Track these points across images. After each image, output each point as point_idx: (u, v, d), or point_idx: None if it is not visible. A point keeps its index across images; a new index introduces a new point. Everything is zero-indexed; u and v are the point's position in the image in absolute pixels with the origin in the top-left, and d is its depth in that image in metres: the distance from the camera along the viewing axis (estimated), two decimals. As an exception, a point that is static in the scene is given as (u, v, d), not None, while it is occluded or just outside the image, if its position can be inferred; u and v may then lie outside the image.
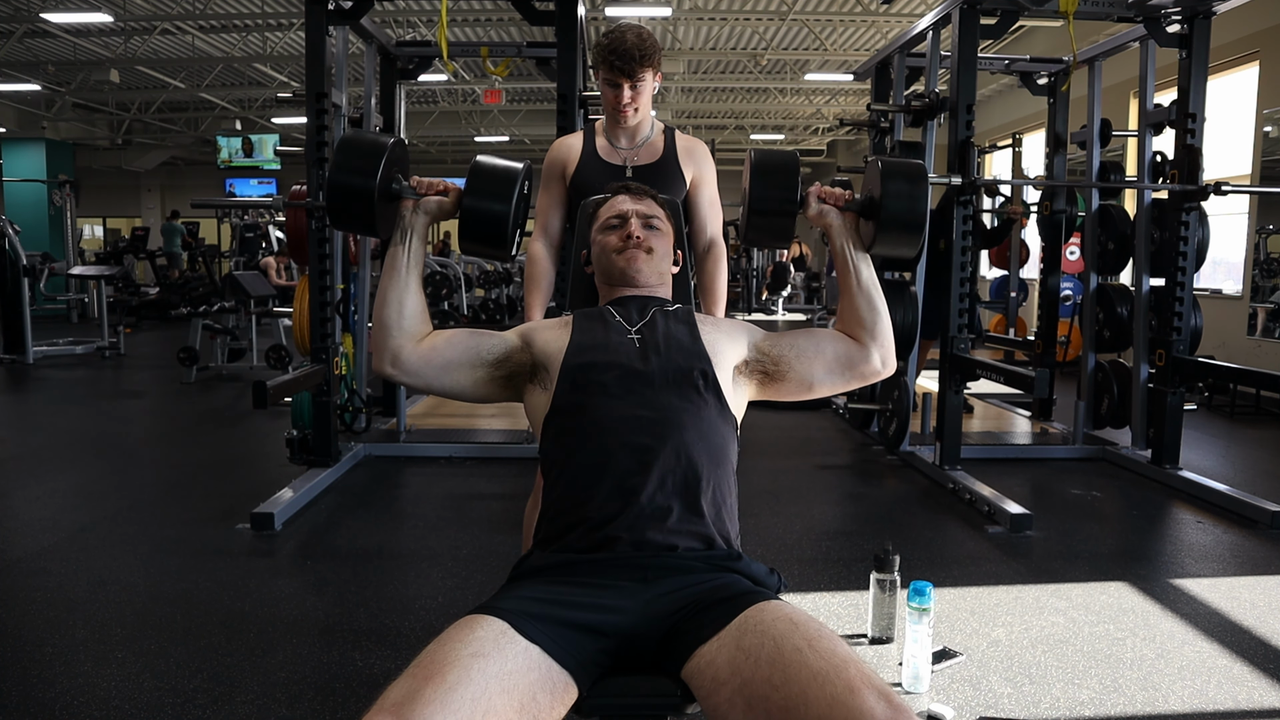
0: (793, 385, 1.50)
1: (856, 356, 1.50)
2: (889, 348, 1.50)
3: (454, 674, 1.03)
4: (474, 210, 1.45)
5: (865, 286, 1.50)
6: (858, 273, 1.50)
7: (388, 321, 1.45)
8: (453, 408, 5.68)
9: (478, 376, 1.46)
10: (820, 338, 1.52)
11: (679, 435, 1.32)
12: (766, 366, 1.49)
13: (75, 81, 12.38)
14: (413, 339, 1.45)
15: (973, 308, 4.18)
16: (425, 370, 1.45)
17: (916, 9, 9.47)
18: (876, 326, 1.50)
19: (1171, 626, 2.51)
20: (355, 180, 1.42)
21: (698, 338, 1.45)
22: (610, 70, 2.13)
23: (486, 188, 1.46)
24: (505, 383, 1.47)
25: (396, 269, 1.46)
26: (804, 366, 1.49)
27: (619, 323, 1.48)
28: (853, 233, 1.51)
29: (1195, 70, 3.99)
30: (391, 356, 1.44)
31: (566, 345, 1.43)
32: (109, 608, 2.58)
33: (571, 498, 1.32)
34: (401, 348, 1.45)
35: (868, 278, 1.51)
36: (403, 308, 1.45)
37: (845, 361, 1.50)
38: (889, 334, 1.51)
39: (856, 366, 1.49)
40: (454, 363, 1.45)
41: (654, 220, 1.60)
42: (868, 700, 0.98)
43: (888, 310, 1.52)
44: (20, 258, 7.88)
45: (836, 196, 1.53)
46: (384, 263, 1.48)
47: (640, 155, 2.24)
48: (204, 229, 16.83)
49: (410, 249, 1.47)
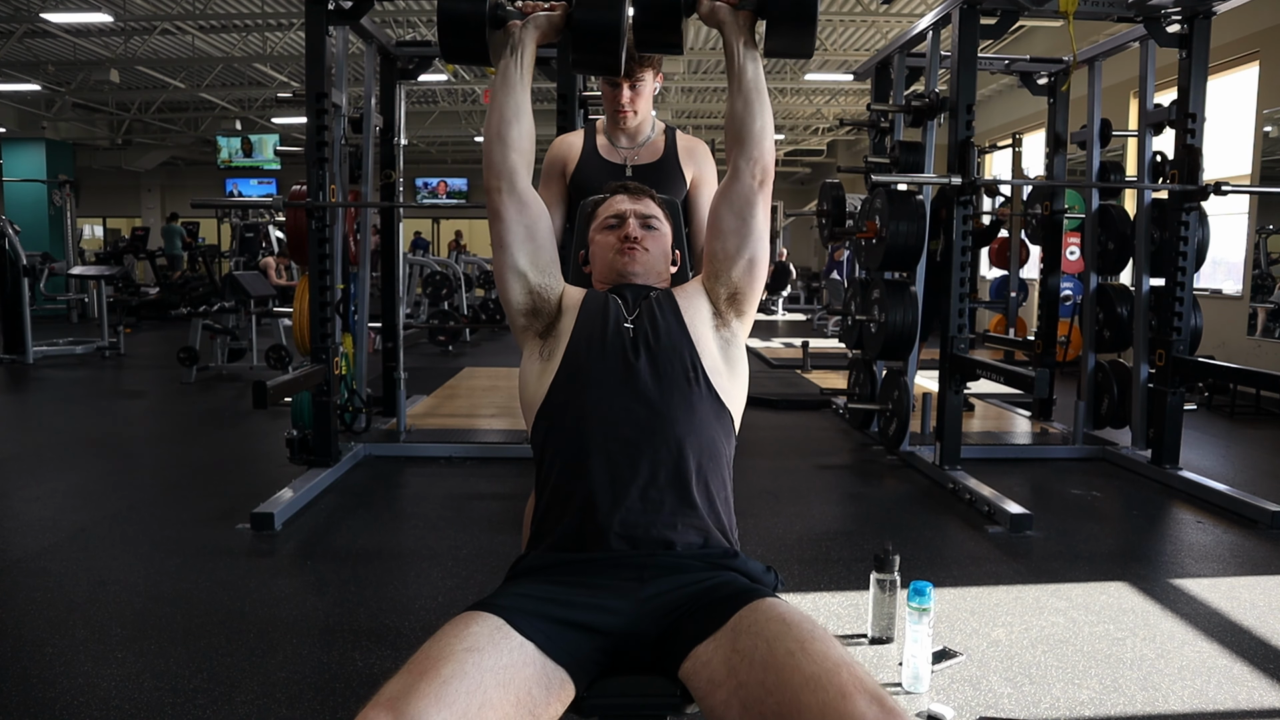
0: (743, 276, 1.47)
1: (736, 190, 1.46)
2: (759, 152, 1.45)
3: (449, 668, 1.03)
4: (585, 21, 1.42)
5: (747, 85, 1.45)
6: (742, 70, 1.45)
7: (506, 136, 1.44)
8: (453, 408, 5.68)
9: (528, 274, 1.46)
10: (711, 219, 1.50)
11: (671, 428, 1.32)
12: (721, 294, 1.48)
13: (75, 81, 12.38)
14: (527, 165, 1.46)
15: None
16: (522, 212, 1.45)
17: (916, 9, 9.47)
18: (749, 125, 1.45)
19: (1171, 626, 2.51)
20: (464, 5, 1.40)
21: (684, 326, 1.44)
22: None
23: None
24: (527, 308, 1.47)
25: (510, 83, 1.45)
26: (724, 255, 1.47)
27: (619, 311, 1.46)
28: (746, 30, 1.45)
29: (1195, 70, 3.99)
30: (510, 173, 1.44)
31: (572, 330, 1.43)
32: (109, 608, 2.58)
33: (565, 492, 1.32)
34: (519, 168, 1.45)
35: (752, 75, 1.45)
36: (520, 122, 1.45)
37: (735, 209, 1.46)
38: (762, 136, 1.45)
39: (741, 199, 1.46)
40: (535, 239, 1.46)
41: (652, 220, 1.60)
42: (859, 705, 0.97)
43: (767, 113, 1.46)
44: (20, 258, 7.87)
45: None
46: (497, 79, 1.46)
47: (641, 155, 2.23)
48: (204, 229, 16.84)
49: (522, 62, 1.45)
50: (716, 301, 1.48)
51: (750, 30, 1.45)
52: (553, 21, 1.47)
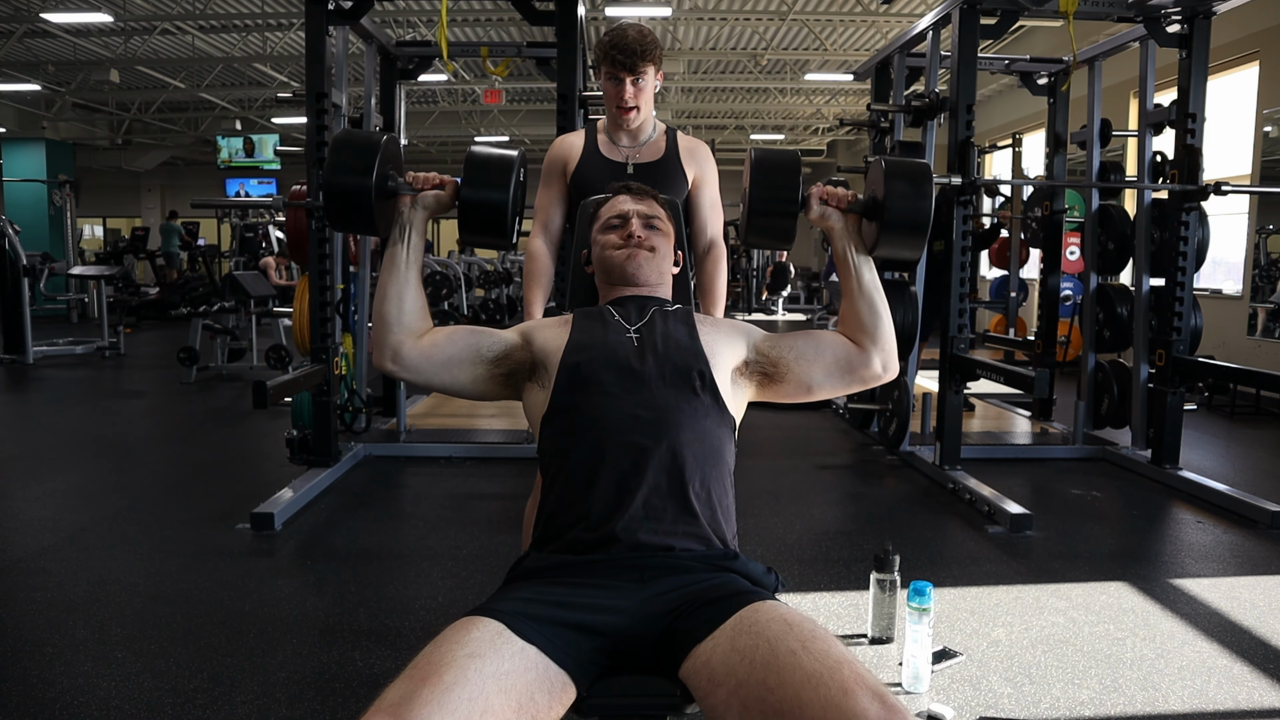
0: (792, 387, 1.50)
1: (857, 361, 1.49)
2: (890, 351, 1.49)
3: (450, 674, 1.03)
4: (472, 201, 1.45)
5: (867, 290, 1.49)
6: (859, 276, 1.49)
7: (388, 318, 1.45)
8: (453, 408, 5.68)
9: (478, 373, 1.46)
10: (820, 340, 1.51)
11: (675, 435, 1.32)
12: (766, 368, 1.49)
13: (75, 81, 12.38)
14: (413, 335, 1.46)
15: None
16: (425, 366, 1.45)
17: (916, 9, 9.47)
18: (878, 331, 1.48)
19: (1171, 626, 2.51)
20: (351, 180, 1.41)
21: (696, 338, 1.45)
22: (612, 65, 2.12)
23: (483, 178, 1.45)
24: (505, 380, 1.47)
25: (396, 265, 1.46)
26: (803, 369, 1.48)
27: (618, 322, 1.47)
28: (855, 235, 1.50)
29: (1195, 70, 3.99)
30: (392, 352, 1.45)
31: (565, 344, 1.43)
32: (109, 608, 2.58)
33: (568, 497, 1.32)
34: (402, 344, 1.45)
35: (869, 281, 1.49)
36: (403, 304, 1.45)
37: (845, 365, 1.49)
38: (891, 338, 1.50)
39: (857, 370, 1.49)
40: (454, 359, 1.45)
41: (655, 220, 1.60)
42: (861, 702, 0.98)
43: (889, 313, 1.51)
44: (20, 258, 7.87)
45: (839, 198, 1.51)
46: (383, 260, 1.48)
47: (642, 154, 2.23)
48: (204, 229, 16.84)
49: (409, 245, 1.47)
50: (754, 363, 1.50)
51: (859, 233, 1.50)
52: (441, 201, 1.49)
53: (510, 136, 16.28)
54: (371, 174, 1.40)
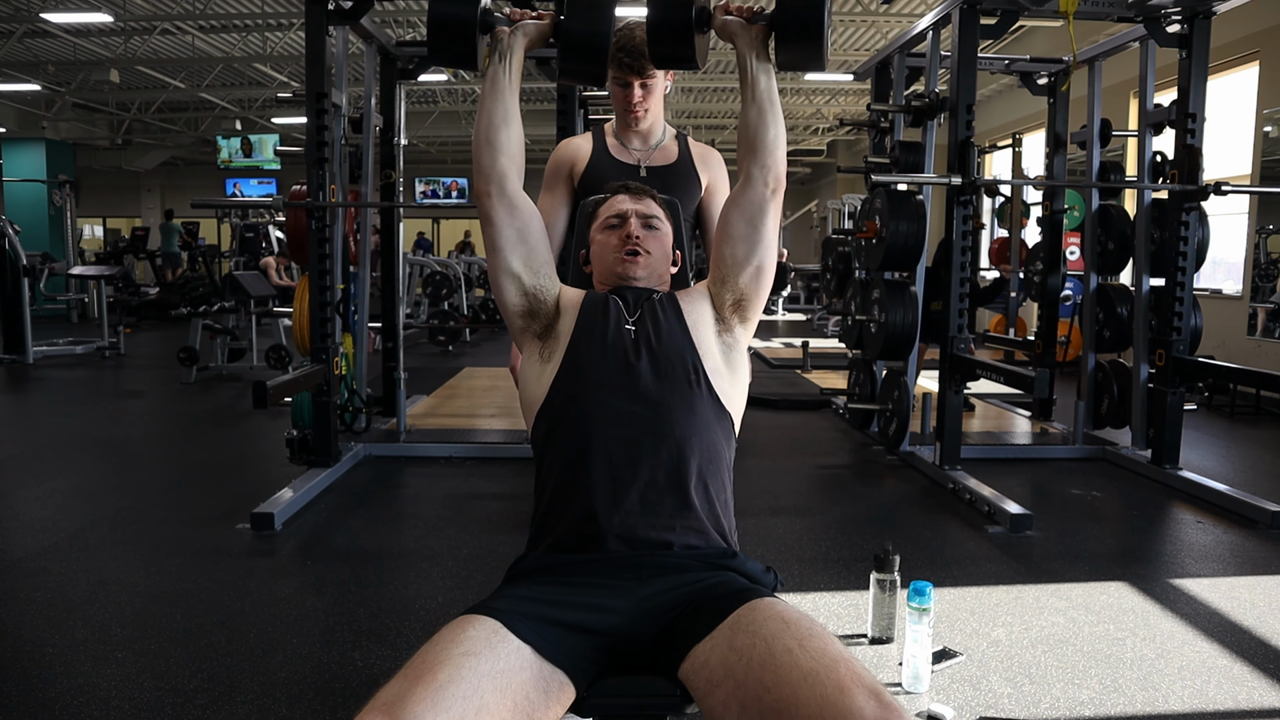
0: (750, 283, 1.47)
1: (747, 198, 1.46)
2: (773, 161, 1.45)
3: (445, 672, 1.03)
4: (573, 30, 1.43)
5: (760, 96, 1.45)
6: (756, 82, 1.46)
7: (495, 141, 1.44)
8: (453, 408, 5.68)
9: (523, 276, 1.46)
10: (721, 225, 1.50)
11: (671, 430, 1.32)
12: (727, 300, 1.48)
13: (75, 81, 12.37)
14: (517, 169, 1.46)
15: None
16: (513, 216, 1.45)
17: (916, 9, 9.47)
18: (762, 135, 1.45)
19: (1171, 626, 2.51)
20: (455, 9, 1.40)
21: (687, 329, 1.44)
22: (619, 68, 2.05)
23: (583, 7, 1.43)
24: (524, 310, 1.47)
25: (499, 88, 1.45)
26: (733, 261, 1.47)
27: (619, 313, 1.46)
28: (759, 44, 1.46)
29: (1195, 70, 3.99)
30: (500, 177, 1.44)
31: (572, 330, 1.43)
32: (109, 608, 2.58)
33: (564, 493, 1.32)
34: (508, 173, 1.44)
35: (765, 86, 1.46)
36: (509, 127, 1.45)
37: (746, 215, 1.46)
38: (775, 145, 1.46)
39: (753, 204, 1.46)
40: (528, 242, 1.46)
41: (653, 220, 1.60)
42: (858, 699, 0.98)
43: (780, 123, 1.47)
44: (20, 258, 7.87)
45: (744, 10, 1.48)
46: (485, 85, 1.46)
47: (654, 157, 2.18)
48: (204, 229, 16.83)
49: (510, 69, 1.46)
50: (721, 306, 1.48)
51: (763, 44, 1.46)
52: (541, 30, 1.47)
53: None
54: (477, 4, 1.40)
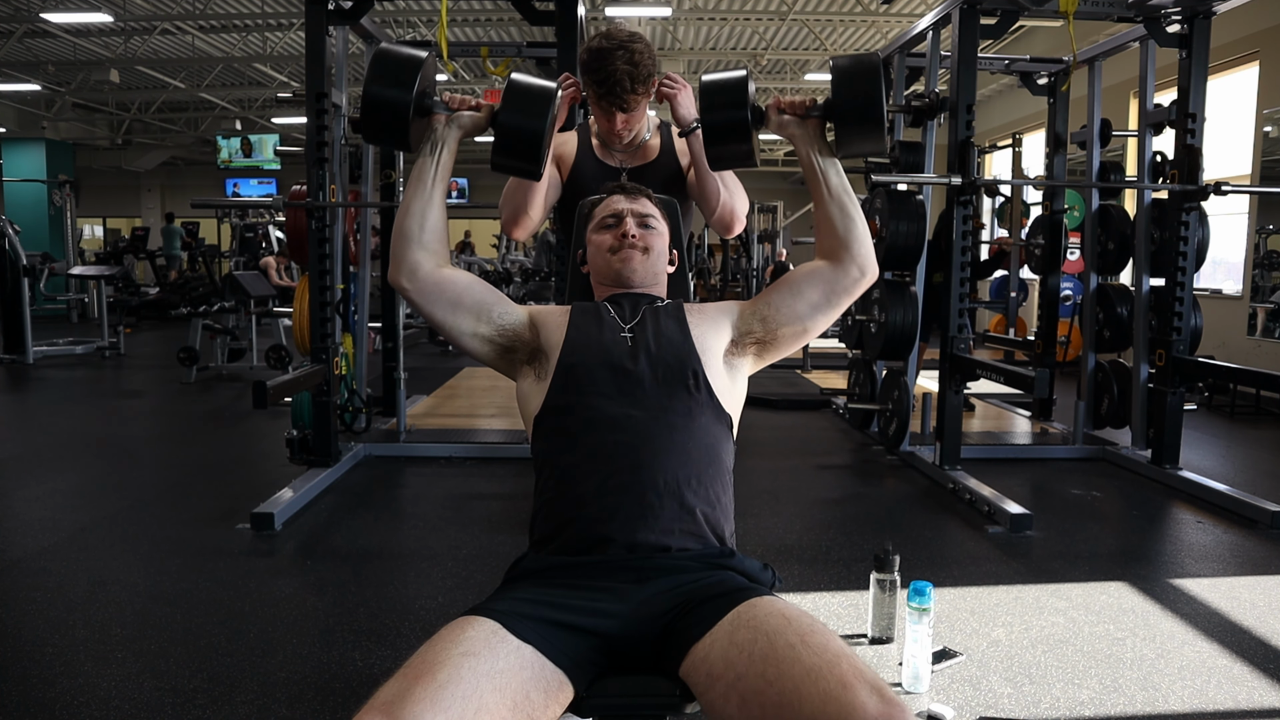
0: (788, 338, 1.48)
1: (834, 275, 1.46)
2: (866, 253, 1.46)
3: (444, 672, 1.03)
4: (508, 125, 1.43)
5: (836, 193, 1.46)
6: (826, 180, 1.46)
7: (409, 232, 1.44)
8: (453, 408, 5.68)
9: (480, 330, 1.45)
10: (795, 280, 1.49)
11: (670, 435, 1.32)
12: (755, 336, 1.48)
13: (75, 81, 12.38)
14: (432, 256, 1.44)
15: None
16: (436, 296, 1.44)
17: (916, 9, 9.47)
18: (850, 232, 1.46)
19: (1171, 626, 2.51)
20: (390, 93, 1.39)
21: (688, 334, 1.44)
22: (599, 100, 1.97)
23: (521, 104, 1.43)
24: (502, 352, 1.47)
25: (423, 180, 1.45)
26: (789, 315, 1.47)
27: (613, 320, 1.47)
28: (818, 138, 1.46)
29: (1195, 70, 3.99)
30: (410, 269, 1.43)
31: (563, 341, 1.43)
32: (109, 608, 2.58)
33: (563, 498, 1.32)
34: (420, 263, 1.43)
35: (837, 183, 1.46)
36: (425, 220, 1.44)
37: (826, 289, 1.46)
38: (865, 239, 1.46)
39: (839, 285, 1.46)
40: (464, 305, 1.45)
41: (650, 219, 1.60)
42: (860, 695, 0.98)
43: (861, 215, 1.47)
44: (20, 258, 7.87)
45: (797, 105, 1.47)
46: (411, 174, 1.47)
47: (636, 157, 2.18)
48: (204, 229, 16.83)
49: (439, 162, 1.46)
50: (744, 334, 1.48)
51: (823, 138, 1.46)
52: (476, 122, 1.48)
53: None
54: (412, 89, 1.39)
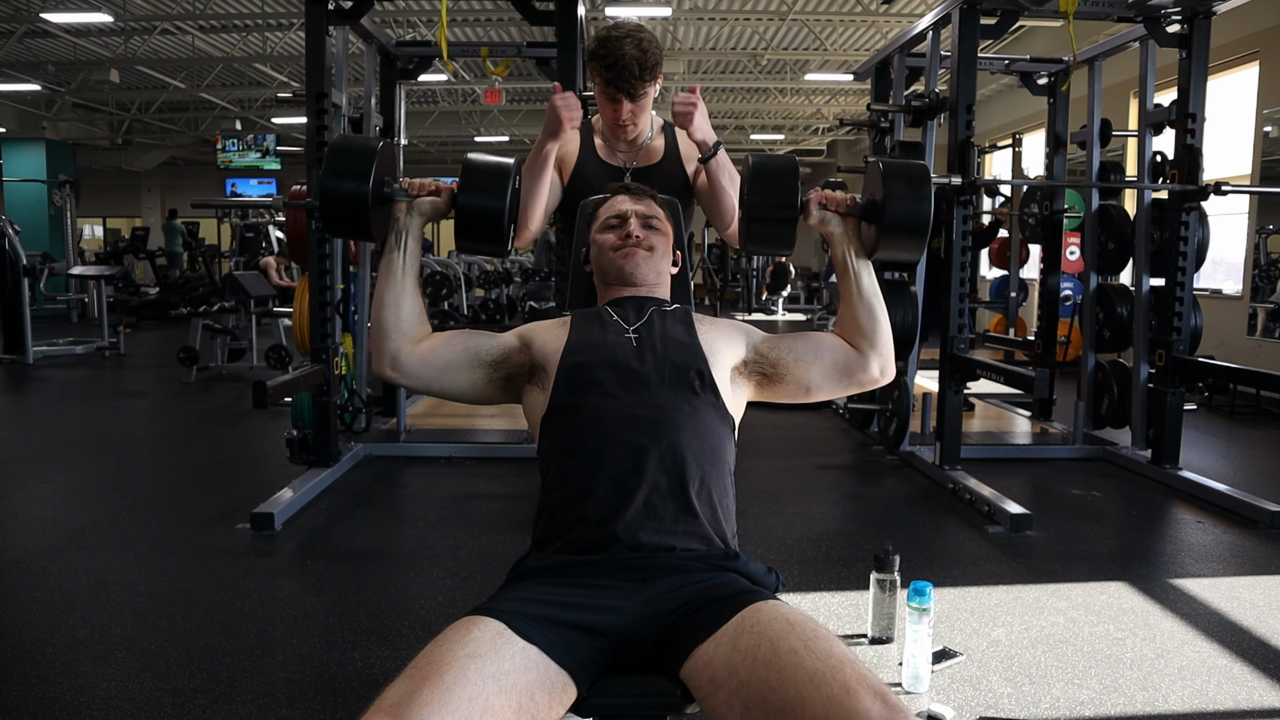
0: (790, 388, 1.51)
1: (855, 364, 1.50)
2: (888, 356, 1.50)
3: (451, 674, 1.03)
4: (468, 208, 1.45)
5: (866, 294, 1.50)
6: (858, 280, 1.49)
7: (386, 325, 1.46)
8: (453, 408, 5.67)
9: (476, 377, 1.47)
10: (820, 343, 1.52)
11: (675, 435, 1.32)
12: (764, 369, 1.50)
13: (75, 81, 12.37)
14: (411, 341, 1.46)
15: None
16: (424, 372, 1.46)
17: (916, 9, 9.47)
18: (876, 335, 1.49)
19: (1171, 626, 2.51)
20: (347, 186, 1.42)
21: (695, 337, 1.45)
22: (607, 86, 1.98)
23: (479, 184, 1.45)
24: (504, 384, 1.48)
25: (393, 272, 1.47)
26: (802, 371, 1.49)
27: (616, 322, 1.48)
28: (854, 239, 1.50)
29: (1195, 70, 3.99)
30: (390, 359, 1.46)
31: (564, 345, 1.43)
32: (109, 608, 2.58)
33: (568, 497, 1.32)
34: (400, 350, 1.46)
35: (868, 285, 1.50)
36: (400, 310, 1.46)
37: (843, 368, 1.50)
38: (889, 342, 1.51)
39: (855, 374, 1.50)
40: (453, 364, 1.46)
41: (653, 220, 1.60)
42: (864, 701, 0.98)
43: (888, 317, 1.52)
44: (20, 258, 7.87)
45: (838, 202, 1.50)
46: (381, 267, 1.49)
47: (640, 157, 2.16)
48: (204, 229, 16.84)
49: (405, 251, 1.48)
50: (752, 363, 1.50)
51: (859, 237, 1.50)
52: (437, 207, 1.49)
53: (510, 137, 16.29)
54: (368, 180, 1.41)
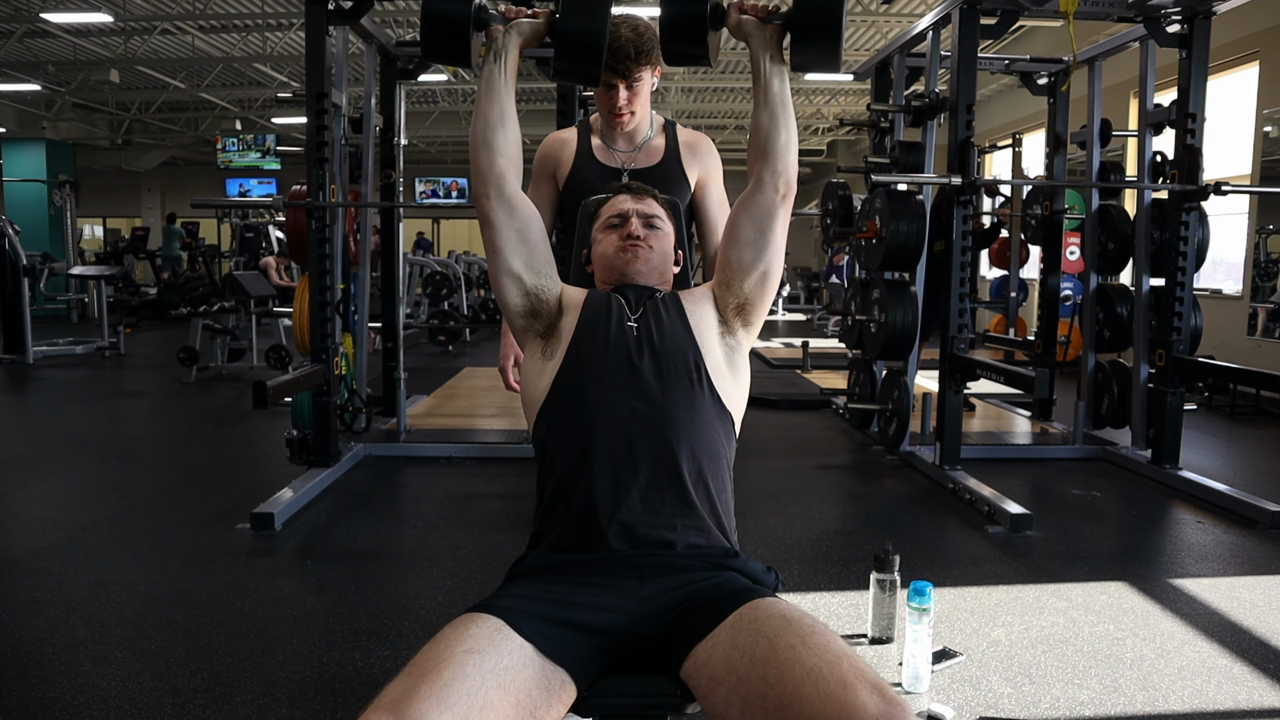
0: (755, 289, 1.47)
1: (757, 203, 1.46)
2: (785, 165, 1.45)
3: (449, 670, 1.03)
4: (568, 29, 1.42)
5: (773, 99, 1.45)
6: (769, 85, 1.45)
7: (492, 142, 1.43)
8: (452, 408, 5.68)
9: (524, 277, 1.45)
10: (730, 228, 1.49)
11: (673, 428, 1.32)
12: (731, 304, 1.48)
13: (75, 81, 12.37)
14: (515, 170, 1.45)
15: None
16: (512, 217, 1.44)
17: (916, 9, 9.47)
18: (775, 138, 1.44)
19: (1171, 626, 2.51)
20: (449, 6, 1.40)
21: (689, 327, 1.43)
22: (603, 70, 2.02)
23: (579, 7, 1.42)
24: (527, 310, 1.46)
25: (494, 88, 1.45)
26: (739, 266, 1.46)
27: (621, 309, 1.46)
28: (773, 44, 1.45)
29: (1195, 70, 3.99)
30: (498, 178, 1.43)
31: (574, 328, 1.43)
32: (109, 608, 2.58)
33: (566, 491, 1.32)
34: (506, 173, 1.44)
35: (778, 90, 1.45)
36: (505, 128, 1.44)
37: (755, 220, 1.46)
38: (787, 150, 1.45)
39: (761, 209, 1.45)
40: (528, 242, 1.46)
41: (655, 220, 1.60)
42: (861, 695, 0.98)
43: (792, 128, 1.46)
44: (20, 258, 7.88)
45: (759, 9, 1.46)
46: (480, 85, 1.46)
47: (639, 158, 2.10)
48: (204, 229, 16.84)
49: (505, 68, 1.45)
50: (724, 310, 1.48)
51: (778, 45, 1.45)
52: (536, 29, 1.47)
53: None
54: (471, 1, 1.40)
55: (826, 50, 1.39)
